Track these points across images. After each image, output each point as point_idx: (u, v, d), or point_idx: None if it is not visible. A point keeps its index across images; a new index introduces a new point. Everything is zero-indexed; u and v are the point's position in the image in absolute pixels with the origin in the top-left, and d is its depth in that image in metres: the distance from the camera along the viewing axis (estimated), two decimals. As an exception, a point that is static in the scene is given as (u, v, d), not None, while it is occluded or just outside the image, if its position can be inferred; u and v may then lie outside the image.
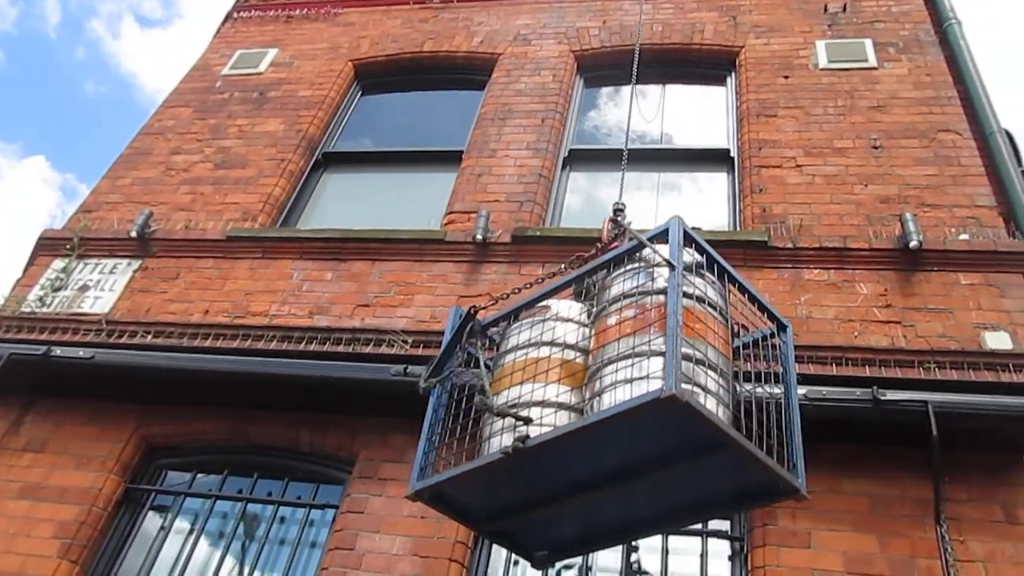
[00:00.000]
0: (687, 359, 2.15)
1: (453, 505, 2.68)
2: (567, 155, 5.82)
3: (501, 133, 5.83)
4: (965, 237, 4.52)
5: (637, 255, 2.45)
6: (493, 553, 3.98)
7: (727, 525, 3.88)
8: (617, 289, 2.43)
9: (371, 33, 7.10)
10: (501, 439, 2.34)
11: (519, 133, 5.80)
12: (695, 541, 3.86)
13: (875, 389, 3.66)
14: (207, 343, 4.73)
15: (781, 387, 2.55)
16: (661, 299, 2.27)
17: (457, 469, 2.45)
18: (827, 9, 6.32)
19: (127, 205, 5.83)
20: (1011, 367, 3.94)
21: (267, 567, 4.18)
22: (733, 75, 6.16)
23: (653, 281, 2.34)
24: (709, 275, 2.44)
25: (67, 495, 4.28)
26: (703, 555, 3.80)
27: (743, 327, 2.63)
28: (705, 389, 2.17)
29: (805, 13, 6.36)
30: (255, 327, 4.78)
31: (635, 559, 3.93)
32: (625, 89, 6.38)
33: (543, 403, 2.35)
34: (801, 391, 3.66)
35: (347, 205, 5.95)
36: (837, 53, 5.92)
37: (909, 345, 4.10)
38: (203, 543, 4.27)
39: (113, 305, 5.13)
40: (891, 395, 3.65)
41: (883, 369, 4.02)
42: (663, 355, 2.13)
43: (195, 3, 30.61)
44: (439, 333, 4.51)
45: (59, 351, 4.56)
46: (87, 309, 5.13)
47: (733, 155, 5.56)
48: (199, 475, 4.49)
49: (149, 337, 4.85)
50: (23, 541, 4.17)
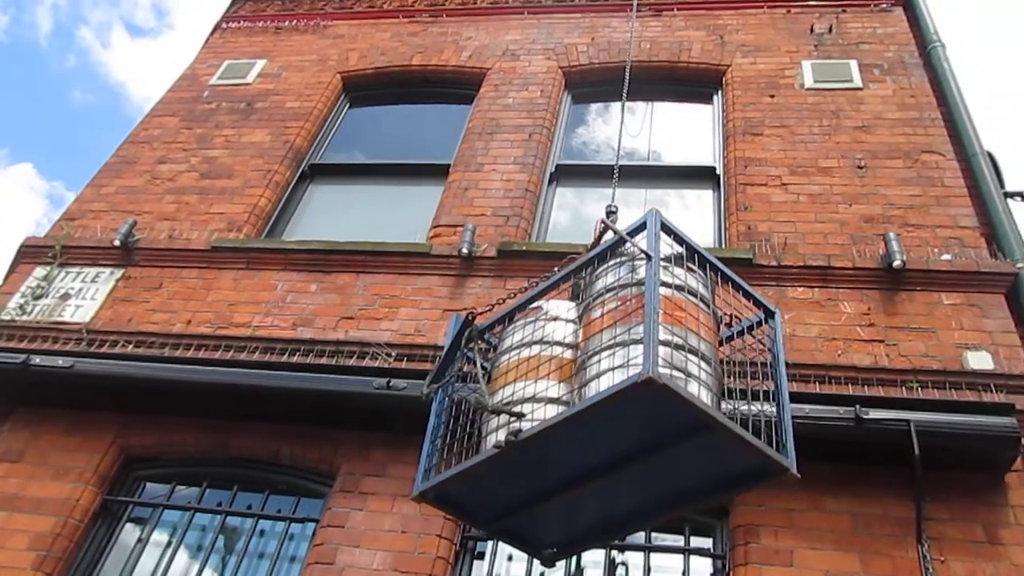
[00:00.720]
0: (667, 345, 2.23)
1: (459, 506, 2.77)
2: (554, 170, 5.84)
3: (488, 147, 5.84)
4: (948, 257, 4.56)
5: (620, 250, 2.52)
6: (475, 570, 3.95)
7: (709, 543, 3.88)
8: (601, 283, 2.52)
9: (360, 46, 7.11)
10: (496, 436, 2.42)
11: (506, 148, 5.81)
12: (677, 559, 3.85)
13: (858, 408, 3.66)
14: (189, 354, 4.70)
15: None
16: (642, 289, 2.34)
17: (457, 468, 2.53)
18: (813, 30, 6.38)
19: (111, 214, 5.80)
20: (992, 387, 3.97)
21: (246, 581, 4.13)
22: (720, 93, 6.20)
23: (635, 273, 2.42)
24: (693, 267, 2.52)
25: (43, 506, 4.22)
26: (685, 573, 3.78)
27: (735, 317, 2.69)
28: (688, 374, 2.23)
29: (791, 33, 6.42)
30: (238, 338, 4.75)
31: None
32: (613, 106, 6.42)
33: (535, 398, 2.42)
34: (784, 409, 3.71)
35: (333, 217, 5.94)
36: (823, 73, 5.98)
37: (892, 364, 4.12)
38: (181, 556, 4.21)
39: (94, 314, 5.08)
40: (874, 414, 3.65)
41: (866, 388, 4.04)
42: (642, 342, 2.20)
43: (187, 14, 30.54)
44: (423, 347, 4.52)
45: (38, 360, 4.49)
46: (68, 318, 5.08)
47: (719, 173, 5.58)
48: (178, 487, 4.43)
49: (130, 347, 4.81)
50: (-3, 552, 4.11)
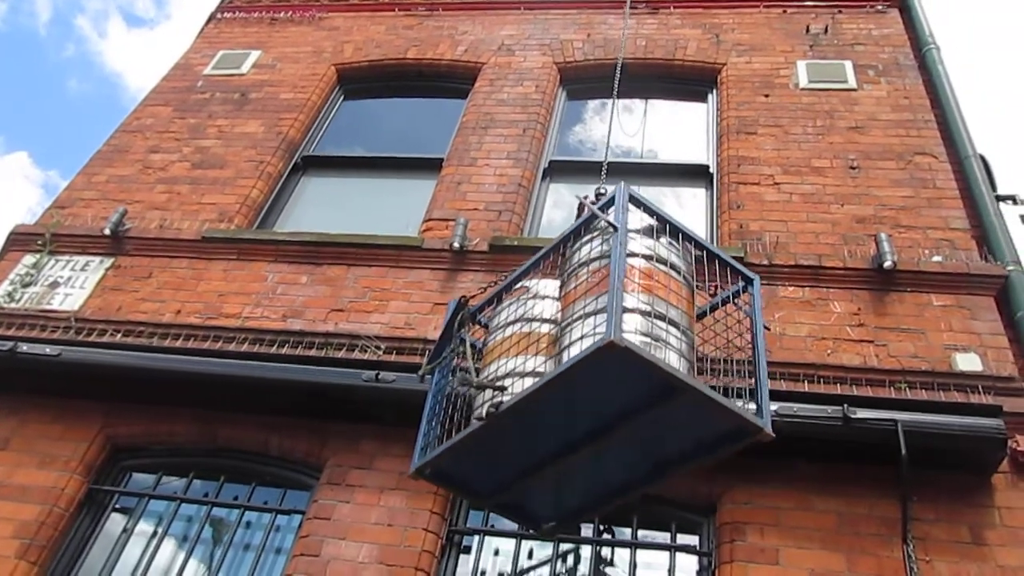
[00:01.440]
0: (634, 312, 2.36)
1: (455, 481, 2.93)
2: (548, 166, 5.83)
3: (482, 142, 5.83)
4: (938, 259, 4.56)
5: (594, 225, 2.64)
6: (460, 563, 3.95)
7: (696, 540, 3.88)
8: (577, 258, 2.64)
9: (355, 38, 7.09)
10: (483, 411, 2.54)
11: (500, 143, 5.79)
12: (663, 556, 3.85)
13: (846, 407, 3.66)
14: (178, 343, 4.68)
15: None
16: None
17: (448, 443, 2.67)
18: (809, 30, 6.38)
19: (102, 202, 5.77)
20: (980, 389, 3.98)
21: (231, 572, 4.11)
22: (714, 92, 6.20)
23: (606, 246, 2.54)
24: (673, 240, 2.65)
25: (28, 494, 4.20)
26: (671, 570, 3.78)
27: (717, 287, 2.81)
28: (657, 339, 2.36)
29: (787, 33, 6.42)
30: (227, 329, 4.73)
31: (603, 574, 3.91)
32: (609, 103, 6.40)
33: (521, 373, 2.54)
34: (772, 407, 3.69)
35: (325, 209, 5.91)
36: (817, 73, 5.98)
37: (881, 364, 4.13)
38: (167, 546, 4.20)
39: (83, 303, 5.06)
40: (861, 413, 3.66)
41: (854, 387, 4.04)
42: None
43: (185, 4, 30.45)
44: (413, 340, 4.52)
45: (26, 347, 4.47)
46: (56, 306, 5.05)
47: (712, 171, 5.58)
48: (165, 477, 4.41)
49: (119, 336, 4.79)
50: (-19, 540, 4.09)
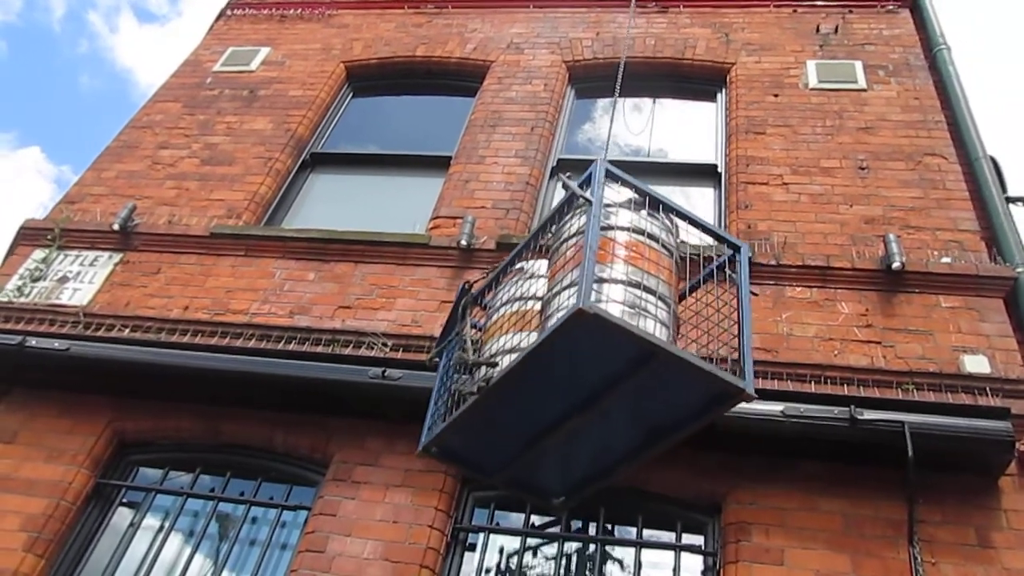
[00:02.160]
0: (606, 281, 2.47)
1: (462, 458, 3.08)
2: (555, 164, 5.82)
3: (490, 140, 5.83)
4: (947, 260, 4.54)
5: (576, 203, 2.74)
6: (465, 561, 3.95)
7: (700, 540, 3.87)
8: (561, 235, 2.73)
9: (364, 36, 7.10)
10: (475, 386, 2.68)
11: (508, 141, 5.79)
12: (668, 555, 3.84)
13: (852, 408, 3.65)
14: (185, 339, 4.69)
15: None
16: (606, 234, 2.59)
17: (449, 419, 2.80)
18: (819, 30, 6.36)
19: (111, 198, 5.79)
20: (988, 391, 3.96)
21: (237, 567, 4.12)
22: (723, 91, 6.19)
23: (585, 220, 2.62)
24: (653, 213, 2.73)
25: (36, 488, 4.22)
26: (676, 570, 3.78)
27: (707, 259, 2.90)
28: (632, 306, 2.45)
29: (797, 33, 6.40)
30: (234, 325, 4.74)
31: (607, 572, 3.91)
32: (617, 101, 6.39)
33: (513, 349, 2.66)
34: (779, 407, 3.72)
35: (333, 206, 5.92)
36: (827, 73, 5.96)
37: (888, 365, 4.11)
38: (173, 541, 4.21)
39: (92, 297, 5.08)
40: (868, 415, 3.65)
41: (861, 388, 4.02)
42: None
43: (196, 1, 30.55)
44: (420, 337, 4.52)
45: (34, 342, 4.49)
46: (65, 300, 5.08)
47: (721, 171, 5.57)
48: (171, 472, 4.43)
49: (127, 331, 4.81)
50: (-11, 533, 4.11)
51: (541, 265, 2.86)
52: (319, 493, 4.09)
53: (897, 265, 4.40)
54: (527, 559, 3.93)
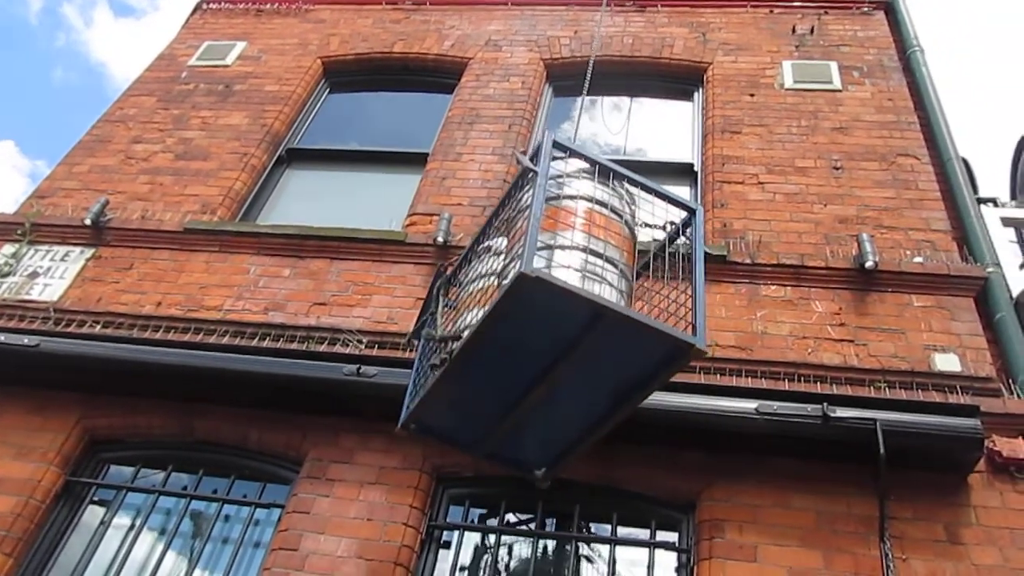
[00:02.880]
0: (550, 248, 2.61)
1: (441, 434, 3.22)
2: (533, 162, 5.80)
3: (468, 137, 5.82)
4: (919, 260, 4.59)
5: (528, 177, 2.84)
6: (440, 558, 3.94)
7: (675, 537, 3.88)
8: (516, 209, 2.86)
9: (341, 31, 7.06)
10: (438, 359, 2.83)
11: (486, 138, 5.78)
12: (643, 552, 3.85)
13: (825, 406, 3.68)
14: (158, 336, 4.65)
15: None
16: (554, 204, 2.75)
17: (420, 393, 2.95)
18: (795, 30, 6.40)
19: (83, 192, 5.72)
20: (959, 389, 4.02)
21: (209, 566, 4.08)
22: (700, 91, 6.21)
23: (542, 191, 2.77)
24: (603, 180, 2.86)
25: (4, 486, 4.15)
26: (650, 567, 3.79)
27: (671, 223, 3.05)
28: (572, 268, 2.58)
29: (773, 33, 6.44)
30: (208, 321, 4.70)
31: (582, 569, 3.91)
32: (596, 100, 6.41)
33: (467, 324, 2.78)
34: (753, 405, 3.74)
35: (309, 202, 5.88)
36: (803, 74, 6.00)
37: (861, 364, 4.15)
38: (145, 539, 4.16)
39: (63, 293, 5.01)
40: (841, 412, 3.67)
41: (834, 386, 4.07)
42: (544, 249, 2.61)
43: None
44: (395, 334, 4.51)
45: (3, 338, 4.42)
46: (36, 296, 5.01)
47: (697, 170, 5.59)
48: (143, 470, 4.37)
49: (98, 327, 4.75)
50: (-45, 532, 4.04)
51: (503, 242, 2.94)
52: (293, 491, 4.06)
53: (870, 264, 4.44)
54: (502, 556, 3.93)
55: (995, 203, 5.28)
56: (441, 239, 4.84)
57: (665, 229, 3.02)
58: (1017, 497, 3.70)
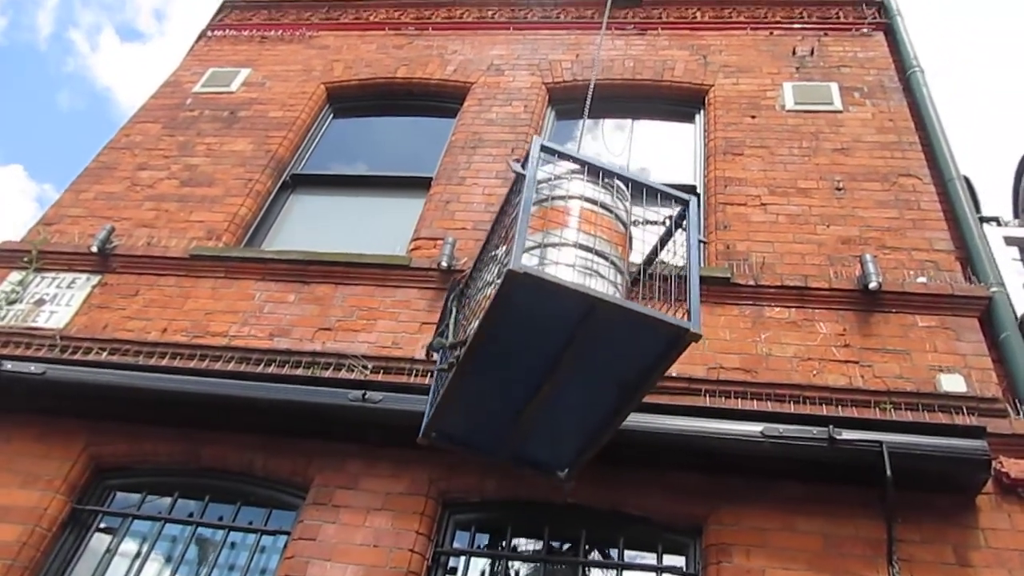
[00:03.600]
0: (543, 246, 2.76)
1: (462, 441, 3.29)
2: (536, 185, 5.83)
3: (471, 161, 5.85)
4: (923, 280, 4.60)
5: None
6: (446, 585, 3.93)
7: (682, 561, 3.86)
8: (513, 212, 2.93)
9: (345, 57, 7.11)
10: (446, 363, 2.97)
11: (489, 162, 5.81)
12: (650, 577, 3.84)
13: (831, 428, 3.67)
14: (164, 362, 4.66)
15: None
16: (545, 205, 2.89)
17: (436, 401, 3.07)
18: (795, 52, 6.44)
19: (89, 219, 5.75)
20: (965, 410, 4.01)
21: (215, 593, 4.08)
22: (702, 113, 6.24)
23: (537, 194, 2.91)
24: (607, 182, 2.99)
25: (10, 514, 4.15)
26: (657, 591, 3.78)
27: (669, 218, 3.16)
28: (569, 264, 2.71)
29: (774, 55, 6.48)
30: (214, 347, 4.72)
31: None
32: (598, 123, 6.44)
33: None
34: (758, 428, 3.74)
35: (313, 227, 5.91)
36: (804, 95, 6.03)
37: (866, 385, 4.15)
38: (151, 567, 4.16)
39: (69, 320, 5.03)
40: (847, 435, 3.67)
41: (840, 408, 4.06)
42: (537, 248, 2.77)
43: (184, 21, 30.54)
44: (400, 359, 4.51)
45: (10, 366, 4.44)
46: (42, 324, 5.03)
47: (699, 191, 5.61)
48: (149, 497, 4.37)
49: (104, 354, 4.76)
50: (-38, 561, 4.04)
51: (504, 249, 3.04)
52: (299, 517, 4.05)
53: (874, 285, 4.45)
54: (509, 582, 3.92)
55: (998, 222, 5.29)
56: (445, 263, 4.85)
57: (665, 223, 3.15)
58: (1025, 519, 3.69)
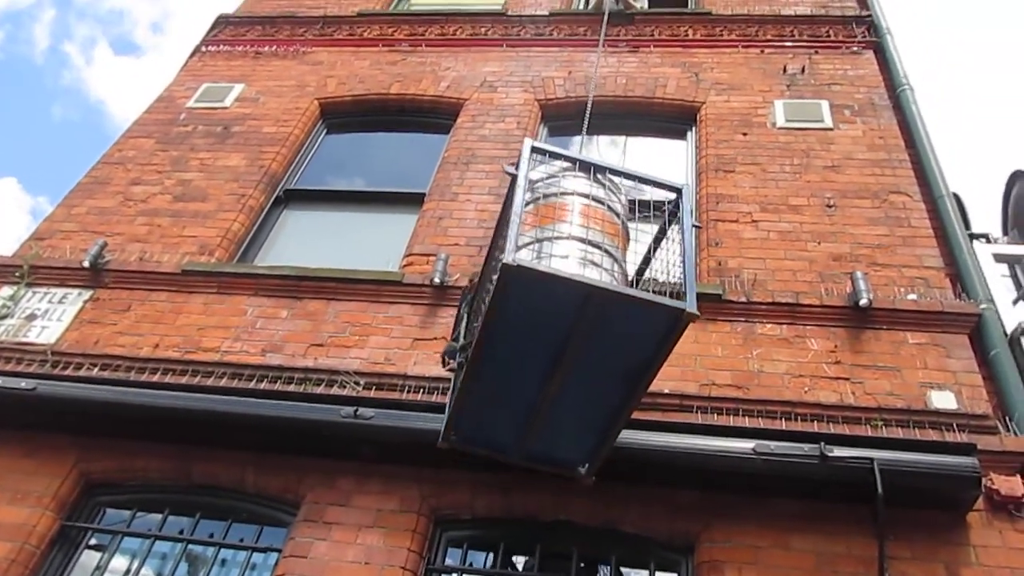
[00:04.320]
0: (536, 241, 2.90)
1: (482, 442, 3.40)
2: (529, 201, 5.85)
3: (464, 177, 5.86)
4: (913, 297, 4.62)
5: (535, 184, 3.15)
6: (438, 602, 3.91)
7: (675, 579, 3.87)
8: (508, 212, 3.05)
9: (339, 73, 7.14)
10: (455, 362, 3.20)
11: (481, 178, 5.83)
12: (642, 594, 3.84)
13: (823, 445, 3.68)
14: (155, 378, 4.64)
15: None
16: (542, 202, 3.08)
17: (451, 403, 3.24)
18: (786, 70, 6.49)
19: (81, 234, 5.74)
20: (955, 426, 4.02)
21: (205, 611, 4.05)
22: (693, 130, 6.28)
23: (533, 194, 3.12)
24: (597, 177, 3.14)
25: (-1, 531, 4.13)
26: (650, 608, 3.77)
27: (666, 208, 3.34)
28: (566, 257, 2.83)
29: (765, 73, 6.53)
30: (205, 363, 4.70)
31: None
32: (592, 139, 6.47)
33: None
34: (750, 445, 3.74)
35: (306, 243, 5.91)
36: (794, 113, 6.07)
37: (857, 402, 4.16)
38: (140, 585, 4.14)
39: (60, 336, 5.02)
40: (838, 452, 3.67)
41: (831, 425, 4.07)
42: (534, 243, 2.94)
43: (177, 36, 30.60)
44: (393, 376, 4.51)
45: (0, 381, 4.42)
46: (33, 339, 5.01)
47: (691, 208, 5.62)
48: (139, 514, 4.35)
49: (96, 370, 4.75)
50: (-51, 579, 4.01)
51: None
52: (290, 534, 4.03)
53: (864, 302, 4.47)
54: (501, 600, 3.91)
55: (987, 239, 5.33)
56: (438, 279, 4.86)
57: (663, 208, 3.34)
58: (1017, 536, 3.69)
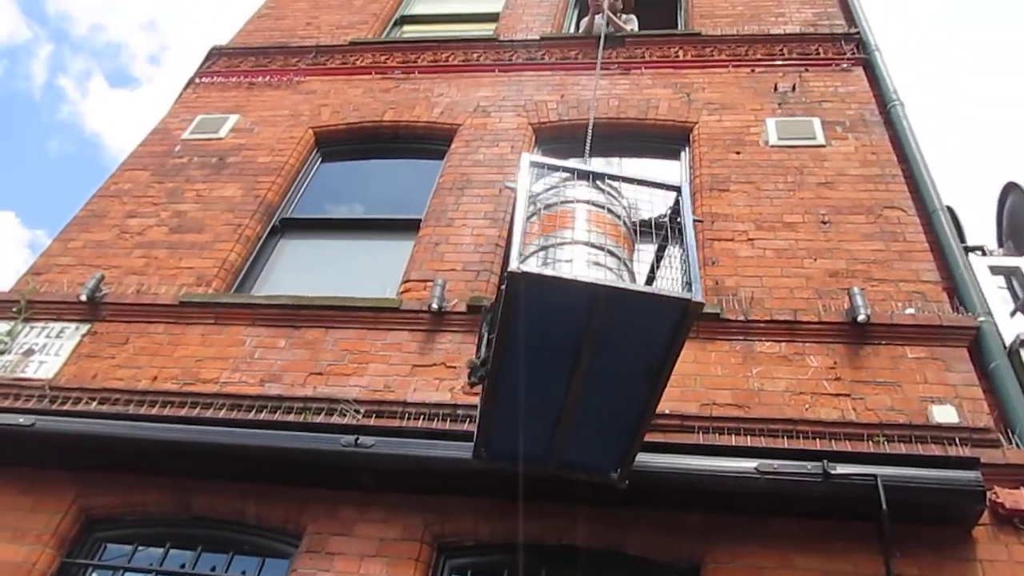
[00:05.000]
0: (542, 248, 3.03)
1: (511, 454, 3.39)
2: (524, 225, 5.86)
3: (459, 203, 5.88)
4: (911, 311, 4.62)
5: (536, 197, 3.25)
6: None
7: (680, 600, 3.84)
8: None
9: (332, 101, 7.17)
10: (475, 378, 3.23)
11: (477, 203, 5.84)
12: (648, 616, 3.80)
13: (825, 463, 3.67)
14: (154, 411, 4.63)
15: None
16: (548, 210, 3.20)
17: (477, 417, 3.32)
18: (777, 88, 6.53)
19: (78, 268, 5.74)
20: (957, 441, 4.01)
21: (208, 646, 4.01)
22: (687, 150, 6.31)
23: (536, 205, 3.23)
24: (597, 184, 3.28)
25: (-2, 570, 4.10)
26: (656, 631, 3.74)
27: (670, 208, 3.42)
28: (573, 261, 2.94)
29: (756, 92, 6.57)
30: (204, 395, 4.69)
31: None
32: (585, 161, 6.49)
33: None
34: (752, 464, 3.73)
35: (303, 271, 5.91)
36: (787, 131, 6.10)
37: (858, 418, 4.15)
38: (142, 620, 4.10)
39: (58, 370, 5.00)
40: (841, 469, 3.66)
41: (833, 442, 4.05)
42: (540, 251, 3.05)
43: (173, 68, 30.76)
44: (392, 403, 4.50)
45: (-2, 417, 4.41)
46: (31, 374, 4.99)
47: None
48: (140, 548, 4.31)
49: (94, 404, 4.73)
50: (-52, 619, 3.98)
51: None
52: (292, 566, 4.00)
53: (862, 317, 4.47)
54: (506, 627, 3.87)
55: (983, 251, 5.33)
56: (436, 305, 4.86)
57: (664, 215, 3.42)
58: (1023, 549, 3.67)
